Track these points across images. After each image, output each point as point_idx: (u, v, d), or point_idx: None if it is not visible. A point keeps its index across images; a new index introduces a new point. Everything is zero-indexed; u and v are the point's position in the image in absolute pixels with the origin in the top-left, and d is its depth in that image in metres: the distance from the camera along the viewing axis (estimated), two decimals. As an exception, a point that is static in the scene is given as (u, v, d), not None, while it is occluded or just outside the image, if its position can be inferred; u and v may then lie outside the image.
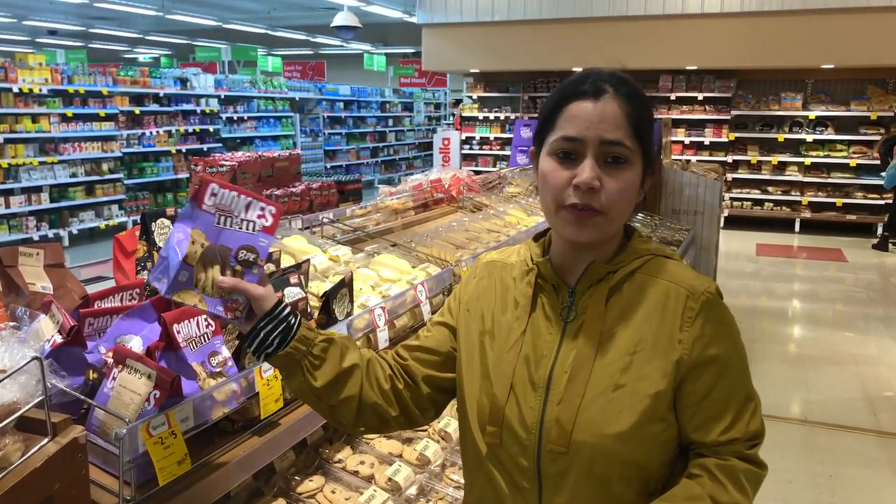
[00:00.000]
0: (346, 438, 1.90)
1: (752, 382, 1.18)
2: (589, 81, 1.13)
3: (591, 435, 1.09)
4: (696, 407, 1.12)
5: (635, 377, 1.10)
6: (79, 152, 9.88)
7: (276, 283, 1.70)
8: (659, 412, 1.10)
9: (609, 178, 1.10)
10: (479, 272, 1.31)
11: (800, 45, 10.04)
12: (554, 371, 1.13)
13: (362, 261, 2.31)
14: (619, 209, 1.12)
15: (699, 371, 1.11)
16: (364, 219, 3.49)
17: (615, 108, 1.10)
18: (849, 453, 4.03)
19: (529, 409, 1.13)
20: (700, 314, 1.12)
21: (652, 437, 1.10)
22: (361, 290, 2.05)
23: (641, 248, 1.19)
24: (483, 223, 3.25)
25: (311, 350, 1.18)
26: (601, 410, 1.09)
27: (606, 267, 1.16)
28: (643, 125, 1.13)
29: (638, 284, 1.15)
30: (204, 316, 1.43)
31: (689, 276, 1.16)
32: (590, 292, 1.16)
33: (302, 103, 15.11)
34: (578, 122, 1.10)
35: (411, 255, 2.51)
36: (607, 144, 1.10)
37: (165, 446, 1.22)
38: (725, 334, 1.14)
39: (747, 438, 1.13)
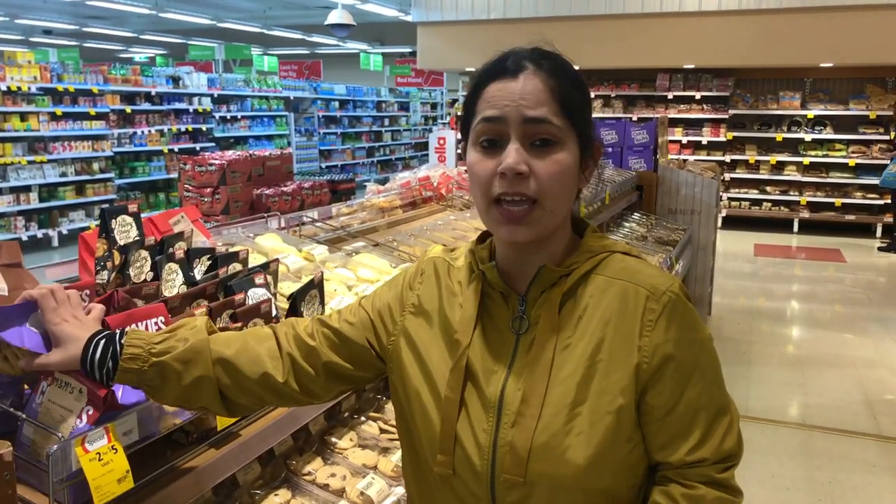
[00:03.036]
0: (317, 449, 1.79)
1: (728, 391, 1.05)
2: (509, 60, 1.02)
3: (550, 462, 0.97)
4: (660, 422, 1.00)
5: (595, 392, 0.98)
6: (69, 151, 9.76)
7: (240, 284, 1.59)
8: (624, 431, 0.98)
9: (538, 161, 0.98)
10: (427, 267, 1.17)
11: (798, 43, 9.95)
12: (506, 390, 1.01)
13: (340, 260, 2.20)
14: (554, 196, 1.00)
15: (662, 381, 0.99)
16: (349, 217, 3.38)
17: (536, 83, 0.99)
18: (848, 458, 3.93)
19: (482, 433, 1.00)
20: (662, 316, 1.00)
21: (619, 460, 0.99)
22: (336, 291, 1.94)
23: (596, 244, 1.07)
24: (471, 222, 3.15)
25: (143, 378, 1.07)
26: (560, 433, 0.97)
27: (558, 270, 1.04)
28: (573, 102, 1.01)
29: (594, 287, 1.03)
30: (154, 319, 1.32)
31: (649, 275, 1.04)
32: (542, 299, 1.03)
33: (296, 102, 15.00)
34: (497, 101, 0.99)
35: (392, 254, 2.40)
36: (531, 123, 0.98)
37: (104, 463, 1.11)
38: (691, 339, 1.01)
39: (719, 459, 1.00)
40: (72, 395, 1.11)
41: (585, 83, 1.06)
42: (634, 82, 11.80)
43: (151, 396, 1.11)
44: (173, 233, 1.88)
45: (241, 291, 1.57)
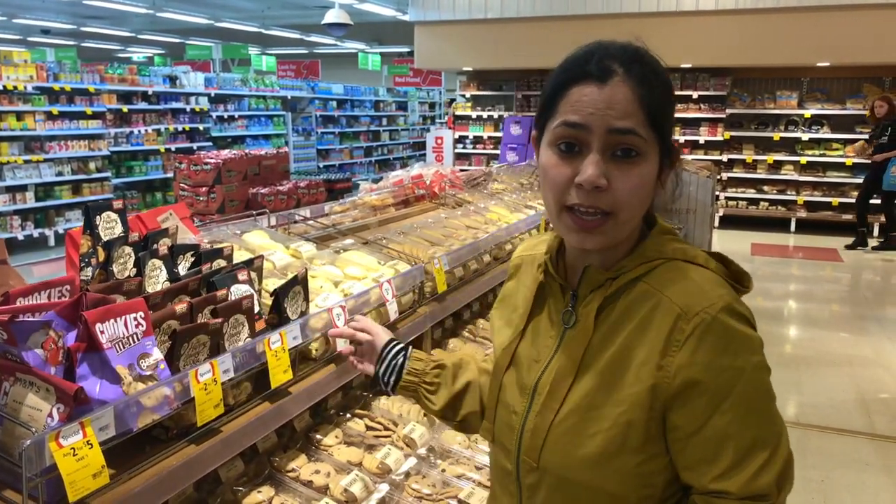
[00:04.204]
0: (301, 446, 1.78)
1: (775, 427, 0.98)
2: (594, 60, 0.96)
3: (559, 454, 1.00)
4: (683, 443, 0.96)
5: (611, 401, 0.97)
6: (65, 151, 9.74)
7: (222, 280, 1.58)
8: (631, 443, 0.96)
9: (619, 174, 0.94)
10: (511, 269, 1.24)
11: (795, 42, 9.94)
12: (541, 379, 1.03)
13: (327, 257, 2.19)
14: (630, 210, 0.97)
15: (686, 403, 0.95)
16: (341, 215, 3.37)
17: (626, 92, 0.94)
18: (842, 457, 3.92)
19: (514, 414, 1.06)
20: (692, 337, 0.94)
21: (627, 468, 0.97)
22: (322, 287, 1.93)
23: (654, 249, 1.02)
24: (462, 220, 3.14)
25: (424, 379, 1.26)
26: (571, 430, 0.99)
27: (605, 274, 1.01)
28: (661, 110, 0.96)
29: (635, 295, 0.99)
30: (133, 314, 1.32)
31: (692, 291, 0.96)
32: (588, 298, 1.02)
33: (294, 102, 14.99)
34: (582, 107, 0.94)
35: (381, 252, 2.40)
36: (616, 133, 0.93)
37: (78, 458, 1.11)
38: (725, 365, 0.93)
39: (746, 496, 0.94)
40: (38, 394, 1.10)
41: (673, 87, 1.01)
42: (632, 82, 11.77)
43: (425, 401, 1.27)
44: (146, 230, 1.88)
45: (224, 287, 1.57)
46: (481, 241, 2.78)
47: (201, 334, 1.39)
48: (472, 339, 2.72)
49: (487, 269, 2.93)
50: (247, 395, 1.54)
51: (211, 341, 1.42)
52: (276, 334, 1.58)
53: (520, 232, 3.29)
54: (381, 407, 2.01)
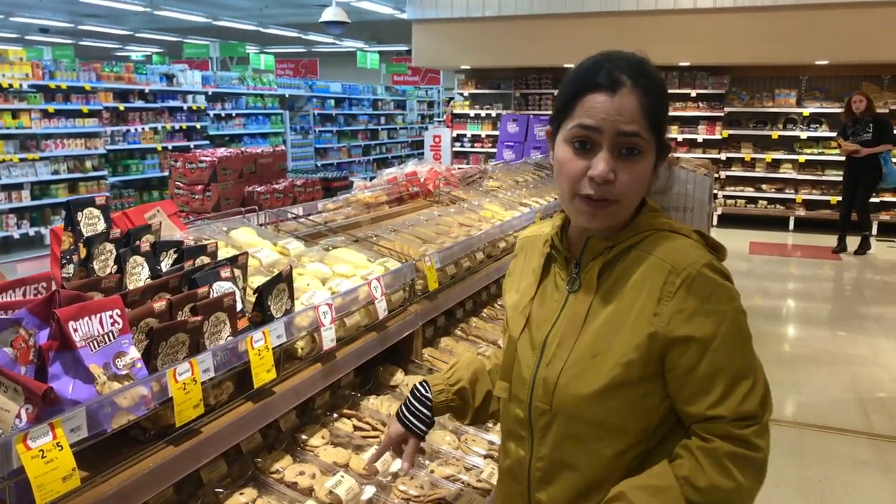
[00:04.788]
0: (286, 446, 1.75)
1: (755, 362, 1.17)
2: (604, 72, 1.14)
3: (568, 396, 1.18)
4: (682, 380, 1.14)
5: (611, 347, 1.15)
6: (61, 149, 9.70)
7: (204, 277, 1.55)
8: (630, 381, 1.14)
9: (623, 169, 1.13)
10: (517, 249, 1.44)
11: (794, 40, 9.91)
12: (549, 336, 1.23)
13: (316, 255, 2.15)
14: (631, 198, 1.17)
15: (680, 345, 1.13)
16: (334, 213, 3.34)
17: (633, 101, 1.12)
18: (839, 456, 3.89)
19: (527, 368, 1.25)
20: (681, 289, 1.13)
21: (625, 402, 1.15)
22: (309, 285, 1.90)
23: (646, 223, 1.22)
24: (455, 217, 3.10)
25: (450, 404, 1.46)
26: (578, 374, 1.17)
27: (604, 243, 1.21)
28: (659, 115, 1.16)
29: (631, 260, 1.19)
30: (109, 312, 1.28)
31: (678, 252, 1.17)
32: (591, 265, 1.22)
33: (292, 100, 14.95)
34: (595, 112, 1.12)
35: (372, 249, 2.36)
36: (624, 136, 1.12)
37: (47, 460, 1.07)
38: (710, 309, 1.13)
39: (737, 417, 1.13)
40: (6, 394, 1.07)
41: (667, 91, 1.20)
42: (630, 80, 11.74)
43: (457, 417, 1.51)
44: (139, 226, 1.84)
45: (206, 285, 1.53)
46: (474, 239, 2.74)
47: (180, 332, 1.36)
48: (465, 337, 2.69)
49: (481, 267, 2.89)
50: (228, 394, 1.51)
51: (190, 340, 1.39)
52: (259, 333, 1.54)
53: (514, 230, 3.26)
54: (370, 407, 1.98)
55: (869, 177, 8.85)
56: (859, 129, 8.77)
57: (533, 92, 12.49)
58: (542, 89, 12.42)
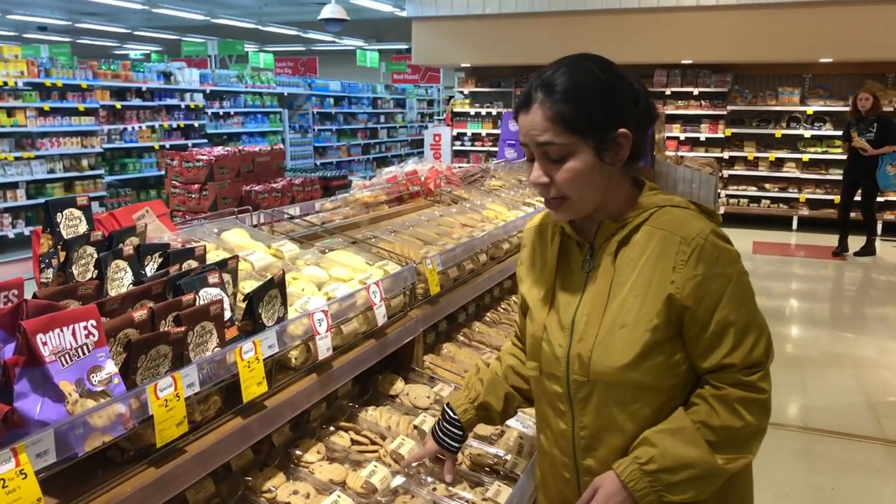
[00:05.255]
0: (279, 463, 1.64)
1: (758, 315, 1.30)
2: (524, 93, 1.30)
3: (604, 366, 1.29)
4: (697, 338, 1.28)
5: (636, 316, 1.27)
6: (57, 147, 9.58)
7: (190, 283, 1.44)
8: (659, 343, 1.27)
9: (554, 171, 1.27)
10: (525, 239, 1.54)
11: (797, 38, 9.81)
12: (577, 315, 1.34)
13: (312, 258, 2.05)
14: (575, 191, 1.28)
15: (695, 306, 1.26)
16: (332, 213, 3.23)
17: (540, 115, 1.26)
18: (852, 463, 3.79)
19: (559, 347, 1.35)
20: (692, 257, 1.25)
21: (657, 364, 1.28)
22: (304, 290, 1.79)
23: (648, 202, 1.33)
24: (457, 217, 3.00)
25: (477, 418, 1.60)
26: (610, 345, 1.28)
27: (615, 224, 1.32)
28: (580, 117, 1.25)
29: (643, 235, 1.30)
30: (83, 323, 1.18)
31: (684, 224, 1.29)
32: (605, 246, 1.33)
33: (291, 99, 14.83)
34: (521, 130, 1.30)
35: (371, 251, 2.26)
36: (541, 146, 1.27)
37: (9, 490, 0.96)
38: (717, 273, 1.26)
39: (746, 366, 1.27)
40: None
41: (600, 93, 1.27)
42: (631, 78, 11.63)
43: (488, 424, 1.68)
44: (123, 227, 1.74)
45: (192, 291, 1.43)
46: (477, 240, 2.64)
47: (162, 345, 1.25)
48: (468, 342, 2.58)
49: (484, 269, 2.79)
50: (216, 410, 1.41)
51: (173, 352, 1.28)
52: (249, 343, 1.43)
53: (517, 230, 3.15)
54: (368, 419, 1.87)
55: (870, 178, 8.62)
56: (863, 128, 8.54)
57: (534, 90, 12.37)
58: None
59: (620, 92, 1.29)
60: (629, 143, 1.29)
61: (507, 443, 1.90)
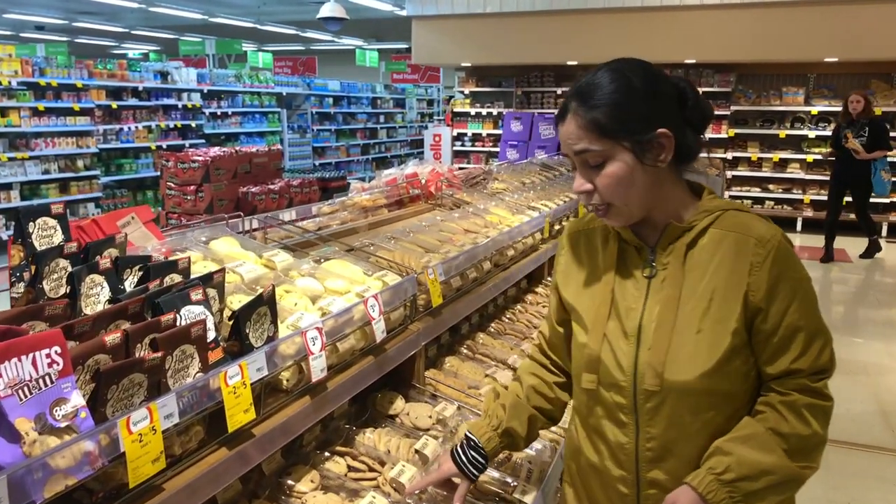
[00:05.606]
0: (269, 494, 1.51)
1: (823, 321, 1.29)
2: (562, 105, 1.30)
3: (681, 374, 1.24)
4: (766, 341, 1.25)
5: (714, 320, 1.24)
6: (52, 148, 9.45)
7: (170, 301, 1.32)
8: (738, 347, 1.24)
9: (596, 178, 1.26)
10: (567, 243, 1.48)
11: (801, 37, 9.69)
12: (643, 321, 1.28)
13: (306, 268, 1.92)
14: (619, 196, 1.26)
15: (767, 309, 1.23)
16: (329, 217, 3.11)
17: (574, 124, 1.26)
18: (868, 476, 3.66)
19: (623, 356, 1.29)
20: (767, 259, 1.23)
21: (736, 369, 1.25)
22: (297, 305, 1.66)
23: (711, 205, 1.31)
24: (460, 223, 2.87)
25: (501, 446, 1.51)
26: (686, 352, 1.24)
27: (681, 227, 1.29)
28: (613, 122, 1.23)
29: (711, 238, 1.27)
30: (46, 350, 1.05)
31: (757, 226, 1.27)
32: (668, 250, 1.30)
33: (289, 99, 14.70)
34: (562, 141, 1.30)
35: (369, 260, 2.13)
36: (579, 154, 1.26)
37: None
38: (790, 276, 1.25)
39: (814, 371, 1.26)
40: None
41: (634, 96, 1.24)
42: (634, 78, 11.52)
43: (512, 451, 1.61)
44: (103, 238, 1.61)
45: (172, 310, 1.30)
46: (480, 248, 2.51)
47: (135, 373, 1.13)
48: (471, 356, 2.45)
49: (488, 277, 2.66)
50: (199, 441, 1.28)
51: (149, 380, 1.16)
52: (235, 366, 1.31)
53: (523, 236, 3.03)
54: (366, 442, 1.75)
55: (861, 182, 8.33)
56: (854, 130, 8.20)
57: (535, 90, 12.26)
58: (544, 87, 12.20)
59: (659, 93, 1.26)
60: (672, 144, 1.26)
61: (514, 467, 1.78)
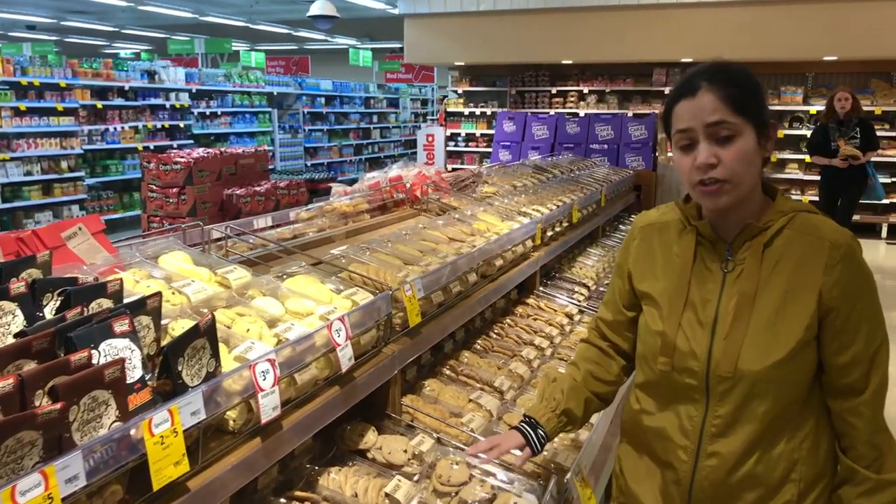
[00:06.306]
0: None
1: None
2: (686, 83, 1.35)
3: (754, 363, 1.32)
4: (835, 336, 1.33)
5: (788, 315, 1.32)
6: (34, 149, 9.21)
7: (86, 336, 1.11)
8: (808, 342, 1.32)
9: (723, 152, 1.30)
10: (637, 235, 1.54)
11: (800, 36, 9.52)
12: (719, 312, 1.36)
13: (266, 286, 1.72)
14: (739, 173, 1.31)
15: (839, 307, 1.31)
16: (307, 224, 2.91)
17: (710, 96, 1.30)
18: None
19: (697, 343, 1.37)
20: (842, 260, 1.31)
21: (804, 360, 1.34)
22: (249, 331, 1.46)
23: (786, 206, 1.37)
24: (444, 230, 2.67)
25: (559, 422, 1.60)
26: (762, 344, 1.32)
27: (759, 226, 1.36)
28: (745, 100, 1.31)
29: (787, 239, 1.34)
30: None
31: (830, 230, 1.34)
32: (745, 247, 1.36)
33: (280, 98, 14.47)
34: (684, 117, 1.33)
35: (339, 276, 1.93)
36: (712, 126, 1.30)
37: None
38: (859, 276, 1.33)
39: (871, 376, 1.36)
40: None
41: (757, 84, 1.36)
42: (629, 77, 11.35)
43: (567, 431, 1.67)
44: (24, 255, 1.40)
45: (88, 346, 1.10)
46: (465, 258, 2.31)
47: (25, 430, 0.93)
48: (454, 377, 2.25)
49: (475, 290, 2.46)
50: (117, 502, 1.08)
51: (45, 437, 0.95)
52: (163, 412, 1.11)
53: (513, 244, 2.83)
54: (331, 485, 1.55)
55: (855, 188, 7.37)
56: (845, 132, 7.23)
57: (529, 89, 12.07)
58: (538, 86, 12.00)
59: (763, 95, 1.38)
60: (775, 136, 1.37)
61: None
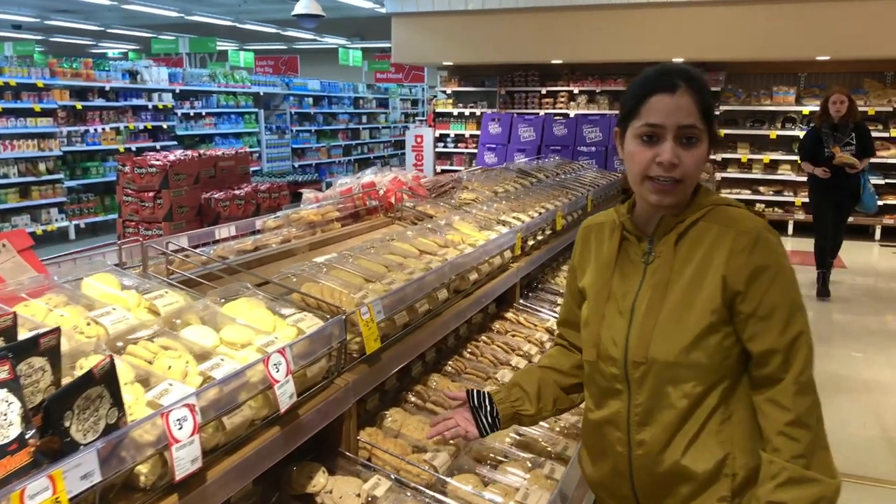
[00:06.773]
0: None
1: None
2: (665, 78, 1.40)
3: (663, 349, 1.40)
4: (746, 322, 1.38)
5: (696, 301, 1.40)
6: (11, 151, 9.00)
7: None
8: (715, 325, 1.38)
9: (685, 154, 1.39)
10: (579, 237, 1.65)
11: (792, 36, 9.40)
12: (636, 302, 1.46)
13: (202, 312, 1.54)
14: (692, 176, 1.42)
15: (745, 292, 1.37)
16: (271, 235, 2.72)
17: (689, 99, 1.38)
18: (874, 516, 3.32)
19: (618, 331, 1.47)
20: (748, 245, 1.38)
21: (712, 344, 1.39)
22: (171, 369, 1.28)
23: (705, 201, 1.46)
24: (415, 242, 2.49)
25: (509, 395, 1.70)
26: (670, 328, 1.41)
27: (675, 219, 1.45)
28: (709, 110, 1.42)
29: (700, 230, 1.44)
30: None
31: (741, 219, 1.42)
32: (664, 240, 1.46)
33: (267, 99, 14.27)
34: (659, 112, 1.39)
35: (289, 297, 1.75)
36: (684, 128, 1.38)
37: None
38: (771, 262, 1.38)
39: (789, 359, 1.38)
40: None
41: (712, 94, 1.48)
42: (620, 77, 11.20)
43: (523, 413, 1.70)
44: None
45: (-51, 401, 0.92)
46: (433, 274, 2.13)
47: None
48: (422, 405, 2.07)
49: (447, 307, 2.29)
50: (-20, 591, 0.90)
51: None
52: (42, 479, 0.93)
53: (489, 256, 2.65)
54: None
55: (850, 199, 6.93)
56: (841, 137, 6.77)
57: (519, 89, 11.91)
58: (528, 86, 11.84)
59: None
60: (714, 149, 1.47)
61: None
